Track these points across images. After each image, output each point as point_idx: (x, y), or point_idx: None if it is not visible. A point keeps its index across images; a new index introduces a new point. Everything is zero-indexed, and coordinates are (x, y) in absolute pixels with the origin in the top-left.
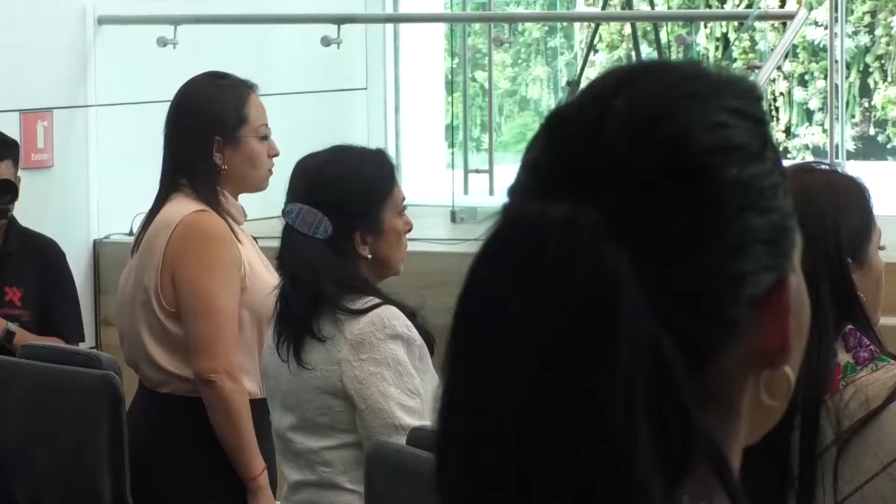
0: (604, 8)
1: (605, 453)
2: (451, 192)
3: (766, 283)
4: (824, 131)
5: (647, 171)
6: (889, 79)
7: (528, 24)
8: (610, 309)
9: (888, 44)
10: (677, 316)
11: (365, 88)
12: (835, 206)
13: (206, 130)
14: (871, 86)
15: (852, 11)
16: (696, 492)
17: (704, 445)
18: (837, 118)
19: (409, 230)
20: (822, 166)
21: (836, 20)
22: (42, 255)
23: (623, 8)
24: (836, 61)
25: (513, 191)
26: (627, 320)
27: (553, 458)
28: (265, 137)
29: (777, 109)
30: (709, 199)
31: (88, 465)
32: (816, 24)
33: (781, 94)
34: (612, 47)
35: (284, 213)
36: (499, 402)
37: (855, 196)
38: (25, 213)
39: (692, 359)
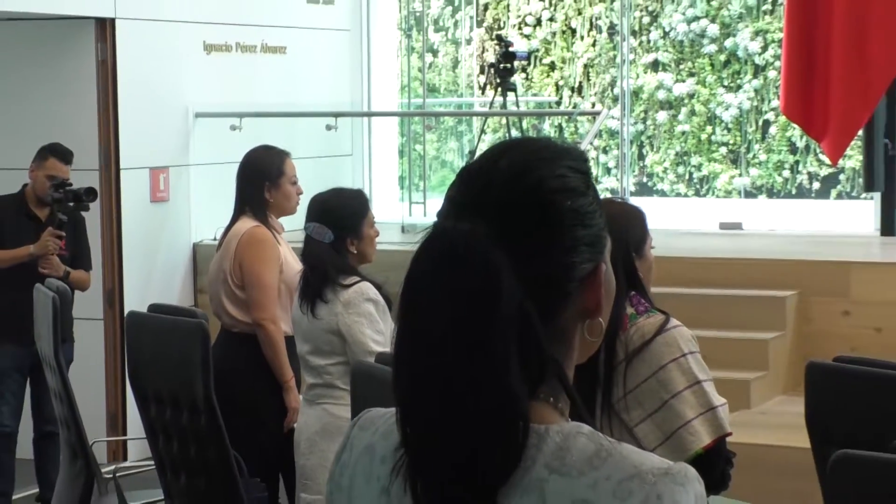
0: (490, 108)
1: (491, 372)
2: (402, 215)
3: (587, 269)
4: (617, 180)
5: (518, 205)
6: (654, 150)
7: (446, 118)
8: (494, 288)
9: (654, 129)
10: (536, 290)
11: (351, 154)
12: (626, 221)
13: (261, 179)
14: (645, 154)
15: (633, 110)
16: (548, 392)
17: (552, 366)
18: (625, 172)
19: (377, 236)
20: (619, 199)
21: (624, 115)
22: (76, 220)
23: (501, 108)
24: (624, 139)
25: (439, 214)
26: (504, 294)
27: (460, 377)
28: (295, 183)
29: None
30: (554, 220)
31: (188, 376)
32: (613, 117)
33: (592, 158)
34: (494, 131)
35: (305, 227)
36: (427, 346)
37: (638, 216)
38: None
39: (545, 315)
